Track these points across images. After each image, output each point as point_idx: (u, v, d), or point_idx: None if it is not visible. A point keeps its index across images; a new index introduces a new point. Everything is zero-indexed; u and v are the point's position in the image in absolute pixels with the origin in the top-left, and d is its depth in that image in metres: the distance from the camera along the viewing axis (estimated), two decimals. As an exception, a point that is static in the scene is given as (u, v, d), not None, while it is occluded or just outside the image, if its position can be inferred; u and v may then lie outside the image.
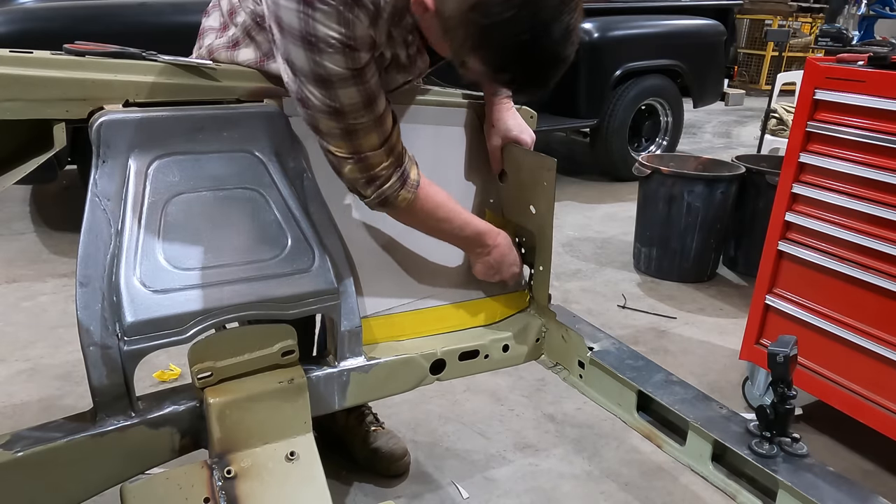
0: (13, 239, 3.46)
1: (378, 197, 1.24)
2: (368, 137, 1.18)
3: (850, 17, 7.81)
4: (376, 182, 1.23)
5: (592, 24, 4.42)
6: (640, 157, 3.68)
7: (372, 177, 1.22)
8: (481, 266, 1.48)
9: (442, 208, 1.34)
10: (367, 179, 1.22)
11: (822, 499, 1.07)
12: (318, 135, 1.19)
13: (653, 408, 1.38)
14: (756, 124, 6.87)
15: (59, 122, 1.15)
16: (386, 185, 1.23)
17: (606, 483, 1.87)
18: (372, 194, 1.24)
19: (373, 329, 1.41)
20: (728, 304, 3.04)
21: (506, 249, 1.47)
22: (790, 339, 1.17)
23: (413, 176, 1.27)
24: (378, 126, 1.18)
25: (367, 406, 1.89)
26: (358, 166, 1.20)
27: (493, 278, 1.51)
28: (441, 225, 1.37)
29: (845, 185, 1.87)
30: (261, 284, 1.20)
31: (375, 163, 1.21)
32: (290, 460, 1.21)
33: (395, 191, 1.25)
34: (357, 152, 1.18)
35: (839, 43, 3.50)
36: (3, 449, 1.07)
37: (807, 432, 2.10)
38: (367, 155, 1.19)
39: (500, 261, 1.47)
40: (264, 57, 1.27)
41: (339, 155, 1.19)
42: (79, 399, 2.12)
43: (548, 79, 1.12)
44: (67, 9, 3.12)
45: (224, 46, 1.31)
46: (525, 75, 1.09)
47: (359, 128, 1.16)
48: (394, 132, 1.23)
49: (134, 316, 1.09)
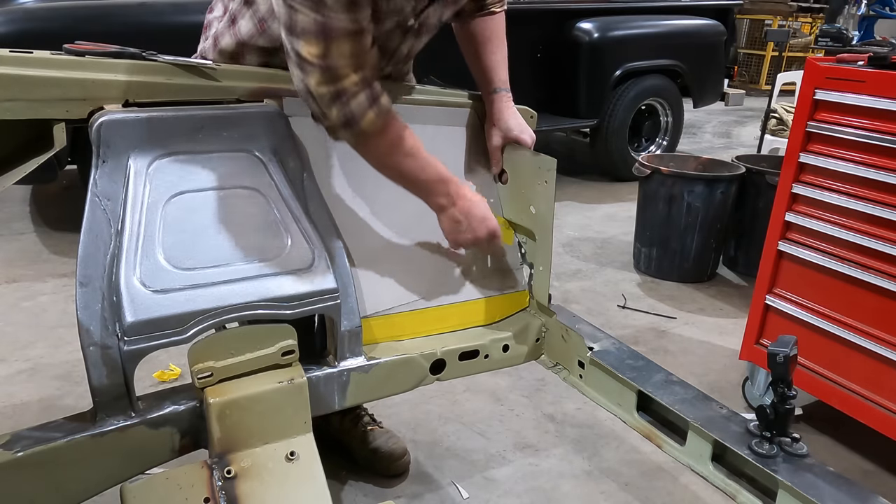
0: (13, 239, 3.46)
1: (344, 117, 1.18)
2: (341, 43, 1.12)
3: (850, 17, 7.81)
4: (343, 97, 1.16)
5: (592, 24, 4.42)
6: (640, 157, 3.69)
7: (339, 91, 1.15)
8: (447, 221, 1.36)
9: (408, 141, 1.26)
10: (334, 94, 1.15)
11: (822, 499, 1.07)
12: (292, 35, 1.12)
13: (653, 408, 1.38)
14: (756, 124, 6.87)
15: (59, 122, 1.15)
16: (353, 101, 1.16)
17: (606, 483, 1.87)
18: (337, 113, 1.17)
19: (373, 329, 1.41)
20: (728, 304, 3.04)
21: (472, 202, 1.35)
22: (790, 339, 1.17)
23: (384, 101, 1.20)
24: (354, 36, 1.13)
25: (362, 407, 1.89)
26: (325, 76, 1.14)
27: (464, 238, 1.38)
28: (405, 162, 1.28)
29: (845, 185, 1.87)
30: (261, 284, 1.20)
31: (344, 74, 1.14)
32: (290, 460, 1.21)
33: (362, 109, 1.18)
34: (326, 55, 1.12)
35: (839, 43, 3.51)
36: (3, 449, 1.07)
37: (807, 432, 2.10)
38: (336, 63, 1.13)
39: (466, 213, 1.34)
40: (263, 21, 1.25)
41: (307, 58, 1.12)
42: (79, 399, 2.12)
43: None
44: (67, 9, 3.12)
45: (225, 27, 1.32)
46: None
47: (335, 26, 1.10)
48: (369, 55, 1.17)
49: (134, 316, 1.09)
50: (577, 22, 4.40)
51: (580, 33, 4.40)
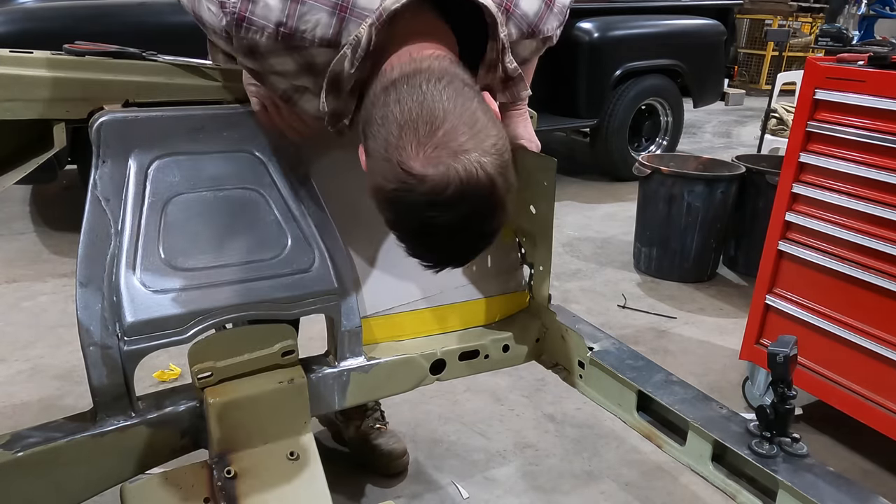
0: (13, 239, 3.46)
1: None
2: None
3: (850, 17, 7.80)
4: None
5: (592, 24, 4.42)
6: (640, 157, 3.69)
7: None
8: (245, 71, 1.20)
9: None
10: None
11: (822, 499, 1.07)
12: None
13: (653, 408, 1.38)
14: (756, 124, 6.86)
15: (59, 122, 1.15)
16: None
17: (606, 483, 1.87)
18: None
19: (373, 329, 1.41)
20: (728, 304, 3.04)
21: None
22: (790, 339, 1.17)
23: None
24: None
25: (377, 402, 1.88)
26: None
27: (255, 93, 1.22)
28: None
29: (845, 184, 1.87)
30: (261, 284, 1.20)
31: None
32: (290, 460, 1.21)
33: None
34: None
35: (839, 43, 3.50)
36: (3, 449, 1.07)
37: (807, 432, 2.10)
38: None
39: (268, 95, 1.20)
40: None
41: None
42: (79, 399, 2.12)
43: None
44: (67, 9, 3.12)
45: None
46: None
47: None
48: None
49: (134, 316, 1.09)
50: (577, 22, 4.40)
51: (580, 33, 4.39)
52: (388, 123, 0.87)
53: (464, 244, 0.93)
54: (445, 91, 0.88)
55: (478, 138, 0.85)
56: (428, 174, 0.82)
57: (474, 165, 0.83)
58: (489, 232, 0.91)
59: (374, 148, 0.90)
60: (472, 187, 0.83)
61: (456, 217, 0.85)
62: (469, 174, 0.83)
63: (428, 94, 0.87)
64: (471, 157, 0.83)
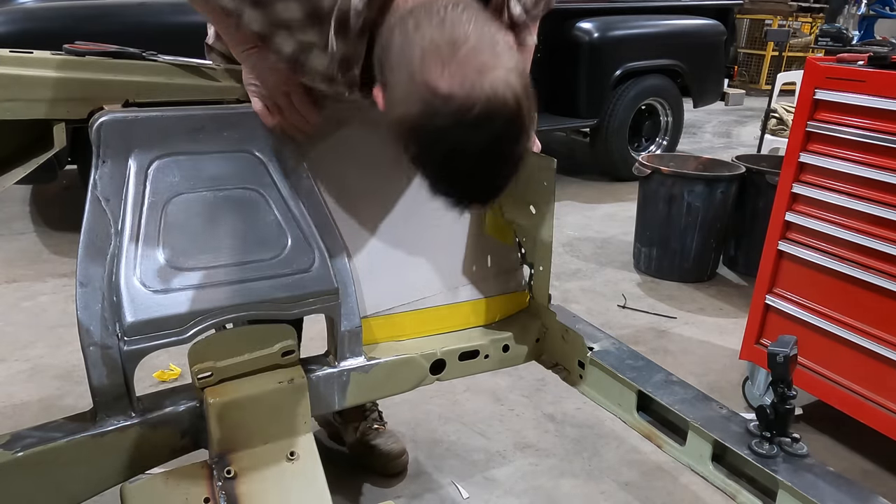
0: (13, 239, 3.46)
1: None
2: None
3: (850, 17, 7.79)
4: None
5: (592, 24, 4.42)
6: (640, 156, 3.69)
7: None
8: (245, 69, 1.21)
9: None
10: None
11: (822, 499, 1.07)
12: None
13: (653, 408, 1.38)
14: (756, 124, 6.86)
15: (59, 122, 1.15)
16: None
17: (606, 483, 1.87)
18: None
19: (373, 329, 1.41)
20: (728, 304, 3.04)
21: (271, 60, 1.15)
22: (790, 339, 1.17)
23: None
24: None
25: (374, 402, 1.89)
26: None
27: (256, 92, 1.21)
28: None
29: (845, 184, 1.87)
30: (261, 284, 1.20)
31: None
32: (290, 460, 1.21)
33: None
34: None
35: (839, 43, 3.50)
36: (3, 449, 1.07)
37: (807, 432, 2.10)
38: None
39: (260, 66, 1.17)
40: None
41: None
42: (79, 399, 2.12)
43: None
44: (67, 9, 3.12)
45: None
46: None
47: None
48: None
49: (134, 316, 1.09)
50: (577, 22, 4.40)
51: (580, 33, 4.40)
52: (409, 49, 0.87)
53: (490, 171, 0.91)
54: (465, 13, 0.88)
55: (501, 58, 0.85)
56: (454, 92, 0.82)
57: (500, 83, 0.83)
58: (515, 157, 0.90)
59: (394, 79, 0.89)
60: (499, 106, 0.83)
61: (483, 138, 0.84)
62: (495, 92, 0.82)
63: (447, 18, 0.87)
64: (497, 75, 0.83)
